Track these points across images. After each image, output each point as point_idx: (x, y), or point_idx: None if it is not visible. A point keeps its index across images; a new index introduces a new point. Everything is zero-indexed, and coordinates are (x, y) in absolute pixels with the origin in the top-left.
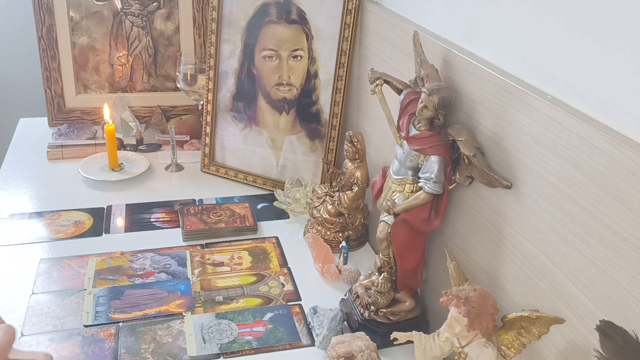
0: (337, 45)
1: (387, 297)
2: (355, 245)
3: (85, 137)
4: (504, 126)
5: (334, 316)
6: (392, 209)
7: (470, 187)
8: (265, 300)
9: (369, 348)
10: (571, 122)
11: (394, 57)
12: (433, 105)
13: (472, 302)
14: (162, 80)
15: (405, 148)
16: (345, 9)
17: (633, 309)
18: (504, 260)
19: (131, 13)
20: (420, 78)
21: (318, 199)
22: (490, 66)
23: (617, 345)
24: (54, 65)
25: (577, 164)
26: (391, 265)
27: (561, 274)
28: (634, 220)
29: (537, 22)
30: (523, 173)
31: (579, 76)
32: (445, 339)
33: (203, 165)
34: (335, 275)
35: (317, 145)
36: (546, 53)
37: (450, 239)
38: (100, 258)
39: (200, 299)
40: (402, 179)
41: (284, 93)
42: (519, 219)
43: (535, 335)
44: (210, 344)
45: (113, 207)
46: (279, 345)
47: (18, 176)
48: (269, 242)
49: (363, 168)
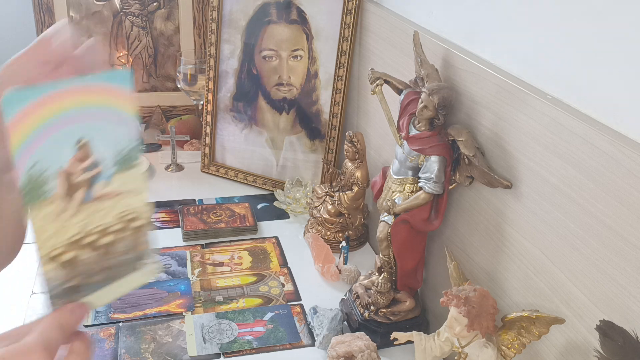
0: (337, 45)
1: (387, 297)
2: (355, 245)
3: None
4: (504, 126)
5: (334, 316)
6: (392, 209)
7: (470, 187)
8: (265, 300)
9: (369, 348)
10: (571, 122)
11: (394, 57)
12: (433, 105)
13: (472, 302)
14: (162, 80)
15: (405, 148)
16: (345, 9)
17: (633, 309)
18: (504, 260)
19: (131, 13)
20: (420, 78)
21: (318, 199)
22: (490, 66)
23: (617, 345)
24: None
25: (577, 164)
26: (391, 265)
27: (561, 274)
28: (634, 220)
29: (537, 22)
30: (523, 173)
31: (579, 76)
32: (445, 339)
33: (203, 165)
34: (335, 275)
35: (317, 145)
36: (546, 53)
37: (450, 239)
38: None
39: (200, 299)
40: (402, 179)
41: (284, 93)
42: (519, 219)
43: (535, 335)
44: (210, 343)
45: None
46: (280, 345)
47: None
48: (269, 242)
49: (363, 168)
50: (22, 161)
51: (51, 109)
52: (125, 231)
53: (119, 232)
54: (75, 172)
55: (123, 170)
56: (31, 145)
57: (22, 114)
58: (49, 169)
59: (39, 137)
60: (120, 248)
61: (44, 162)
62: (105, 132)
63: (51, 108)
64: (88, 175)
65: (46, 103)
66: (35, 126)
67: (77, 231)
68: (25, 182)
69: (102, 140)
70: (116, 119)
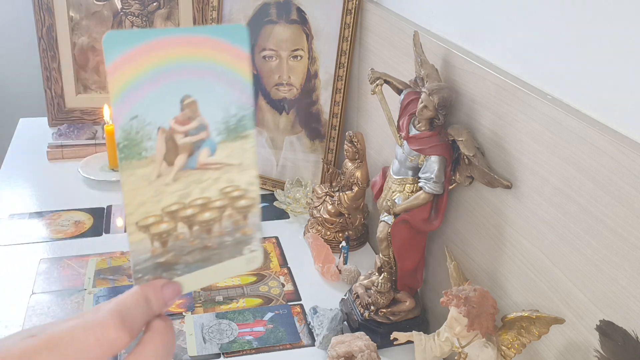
0: (337, 45)
1: (387, 297)
2: (355, 245)
3: (85, 137)
4: (504, 126)
5: (334, 316)
6: (392, 209)
7: (470, 187)
8: (265, 300)
9: (369, 348)
10: (571, 122)
11: (394, 57)
12: (433, 105)
13: (472, 302)
14: None
15: (405, 148)
16: (345, 9)
17: (633, 309)
18: (504, 260)
19: (131, 13)
20: (420, 78)
21: (318, 199)
22: (490, 66)
23: (617, 345)
24: (54, 65)
25: (577, 164)
26: (391, 265)
27: (561, 274)
28: (634, 220)
29: (537, 22)
30: (523, 173)
31: (579, 76)
32: (445, 339)
33: None
34: (335, 275)
35: (317, 145)
36: (546, 53)
37: (450, 239)
38: (101, 258)
39: (200, 299)
40: (402, 179)
41: (284, 93)
42: (519, 219)
43: (535, 335)
44: (210, 343)
45: (113, 207)
46: (280, 345)
47: (18, 176)
48: (269, 242)
49: (363, 168)
50: (120, 112)
51: (156, 58)
52: (228, 209)
53: (221, 209)
54: (177, 133)
55: (231, 140)
56: (131, 95)
57: (123, 59)
58: (148, 126)
59: (141, 88)
60: (222, 228)
61: (144, 117)
62: (215, 94)
63: (156, 57)
64: (192, 139)
65: (151, 50)
66: (137, 75)
67: (174, 201)
68: (122, 136)
69: (210, 102)
70: (228, 81)
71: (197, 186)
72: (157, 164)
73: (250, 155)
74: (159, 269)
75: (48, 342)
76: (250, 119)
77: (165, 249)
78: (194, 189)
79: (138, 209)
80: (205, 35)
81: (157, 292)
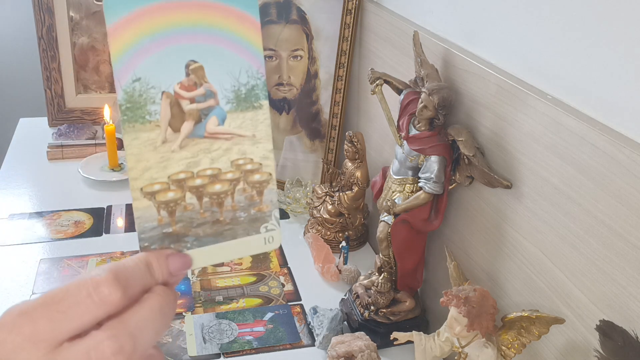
0: (337, 45)
1: (387, 297)
2: (355, 245)
3: (85, 137)
4: (504, 126)
5: (334, 316)
6: (392, 209)
7: (470, 187)
8: (265, 300)
9: (369, 348)
10: (571, 122)
11: (394, 57)
12: (433, 105)
13: (472, 302)
14: None
15: (405, 148)
16: (345, 9)
17: (633, 309)
18: (504, 260)
19: None
20: (420, 78)
21: (318, 199)
22: (490, 66)
23: (617, 345)
24: (54, 65)
25: (577, 164)
26: (391, 265)
27: (561, 274)
28: (634, 220)
29: (537, 22)
30: (523, 173)
31: (579, 76)
32: (445, 339)
33: None
34: (335, 275)
35: (317, 145)
36: (546, 53)
37: (450, 239)
38: (101, 258)
39: (201, 299)
40: (402, 179)
41: (284, 93)
42: (519, 219)
43: (535, 335)
44: (210, 344)
45: (113, 207)
46: (280, 345)
47: (18, 176)
48: None
49: (363, 168)
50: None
51: (161, 20)
52: (241, 183)
53: (233, 182)
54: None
55: (242, 110)
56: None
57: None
58: (152, 89)
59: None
60: (235, 202)
61: (148, 80)
62: (223, 60)
63: (161, 19)
64: (199, 106)
65: (156, 12)
66: (141, 36)
67: (181, 169)
68: (124, 98)
69: (218, 69)
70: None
71: (206, 155)
72: (162, 130)
73: (263, 127)
74: (167, 239)
75: (44, 298)
76: (262, 89)
77: (172, 219)
78: (202, 158)
79: (143, 174)
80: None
81: (161, 260)
